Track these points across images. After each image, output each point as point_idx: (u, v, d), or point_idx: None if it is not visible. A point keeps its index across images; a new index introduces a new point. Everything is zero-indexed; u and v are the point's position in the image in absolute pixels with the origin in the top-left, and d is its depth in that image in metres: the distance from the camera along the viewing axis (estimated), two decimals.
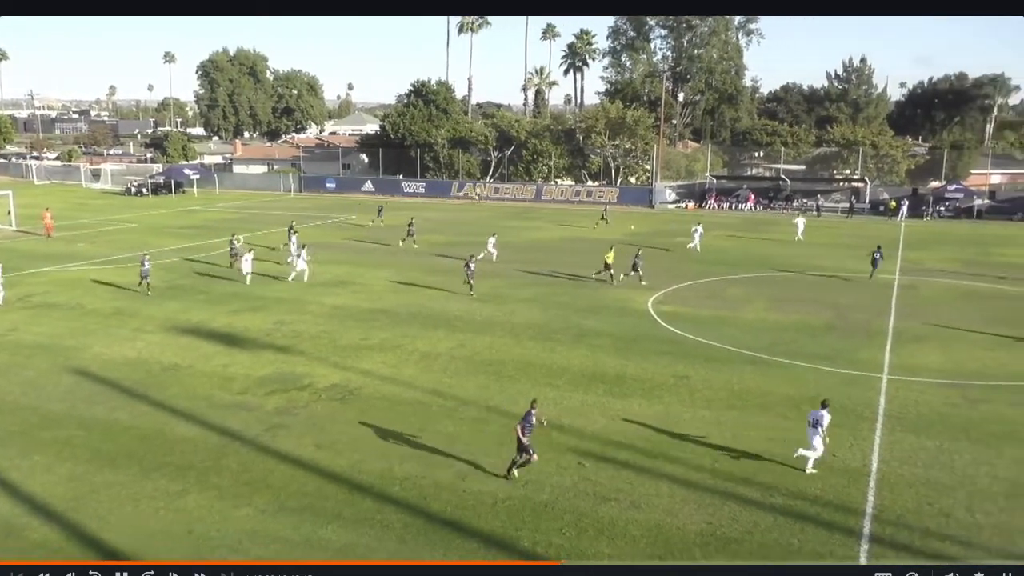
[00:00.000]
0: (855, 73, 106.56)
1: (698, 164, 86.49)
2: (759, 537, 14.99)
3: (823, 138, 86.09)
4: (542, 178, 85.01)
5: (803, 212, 66.00)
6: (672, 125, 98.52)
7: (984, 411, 21.47)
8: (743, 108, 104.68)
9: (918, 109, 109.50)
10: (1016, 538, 15.01)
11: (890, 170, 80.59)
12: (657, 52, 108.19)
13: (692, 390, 23.07)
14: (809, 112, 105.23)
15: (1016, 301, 35.18)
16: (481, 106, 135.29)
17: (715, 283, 38.68)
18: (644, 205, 75.11)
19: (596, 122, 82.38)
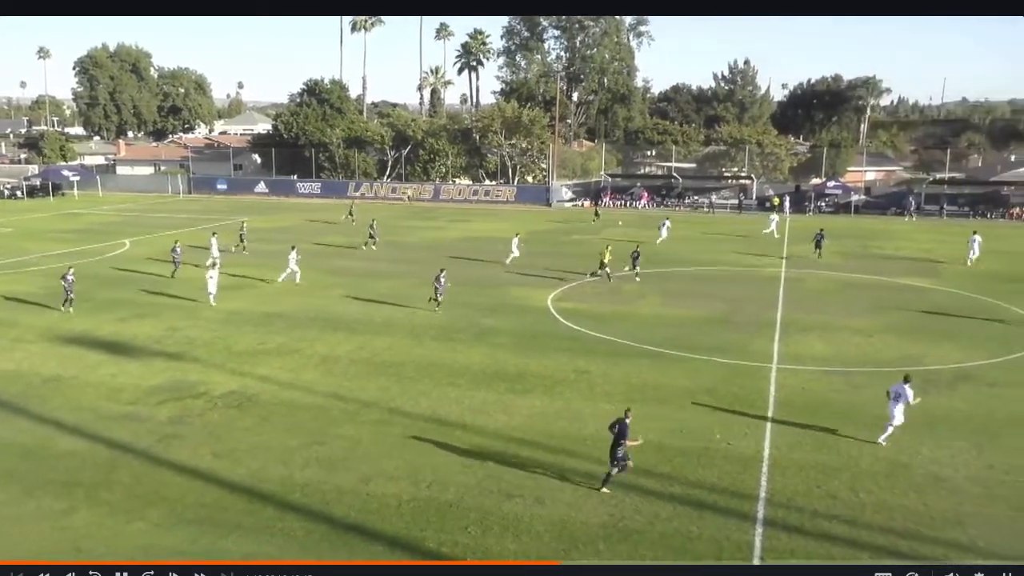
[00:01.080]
0: (740, 74, 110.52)
1: (593, 163, 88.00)
2: (660, 527, 15.40)
3: (712, 137, 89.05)
4: (440, 177, 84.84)
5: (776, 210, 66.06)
6: (567, 124, 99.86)
7: (866, 396, 22.63)
8: (635, 108, 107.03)
9: (799, 109, 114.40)
10: (895, 514, 15.89)
11: (774, 168, 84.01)
12: (551, 52, 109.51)
13: (592, 385, 23.47)
14: (698, 112, 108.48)
15: (892, 291, 37.20)
16: (376, 105, 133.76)
17: (613, 279, 39.41)
18: (542, 204, 75.92)
19: (492, 122, 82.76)
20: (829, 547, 14.72)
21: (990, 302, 34.64)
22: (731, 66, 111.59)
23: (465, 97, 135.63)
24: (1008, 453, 18.74)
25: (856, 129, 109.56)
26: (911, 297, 35.84)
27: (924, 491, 16.86)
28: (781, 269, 42.54)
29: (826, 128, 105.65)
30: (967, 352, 26.83)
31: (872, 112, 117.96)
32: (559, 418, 20.86)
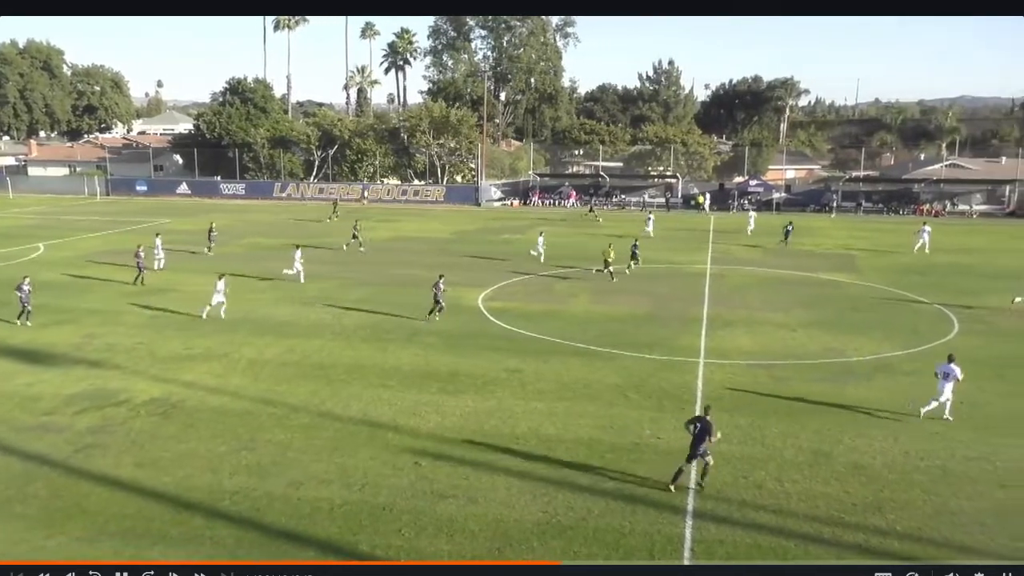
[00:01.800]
0: (664, 75, 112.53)
1: (521, 162, 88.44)
2: (593, 523, 15.55)
3: (638, 136, 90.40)
4: (368, 178, 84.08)
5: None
6: (495, 124, 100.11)
7: (789, 388, 23.27)
8: (562, 108, 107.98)
9: (721, 109, 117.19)
10: (818, 501, 16.38)
11: (699, 166, 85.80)
12: (478, 52, 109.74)
13: (524, 383, 23.58)
14: (624, 111, 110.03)
15: (813, 286, 38.34)
16: (302, 105, 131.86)
17: (542, 279, 39.67)
18: (471, 203, 75.93)
19: (420, 121, 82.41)
20: (756, 536, 15.09)
21: (904, 295, 36.01)
22: (655, 67, 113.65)
23: (392, 97, 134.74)
24: (923, 439, 19.50)
25: (776, 128, 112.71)
26: (831, 291, 37.01)
27: (845, 479, 17.42)
28: (706, 266, 43.42)
29: (748, 127, 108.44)
30: (884, 343, 27.83)
31: (791, 112, 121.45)
32: (491, 417, 20.89)
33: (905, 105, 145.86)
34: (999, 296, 35.31)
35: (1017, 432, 20.03)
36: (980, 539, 14.98)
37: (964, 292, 36.44)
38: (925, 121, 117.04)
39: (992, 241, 53.09)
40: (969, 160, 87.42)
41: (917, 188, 74.12)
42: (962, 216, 67.69)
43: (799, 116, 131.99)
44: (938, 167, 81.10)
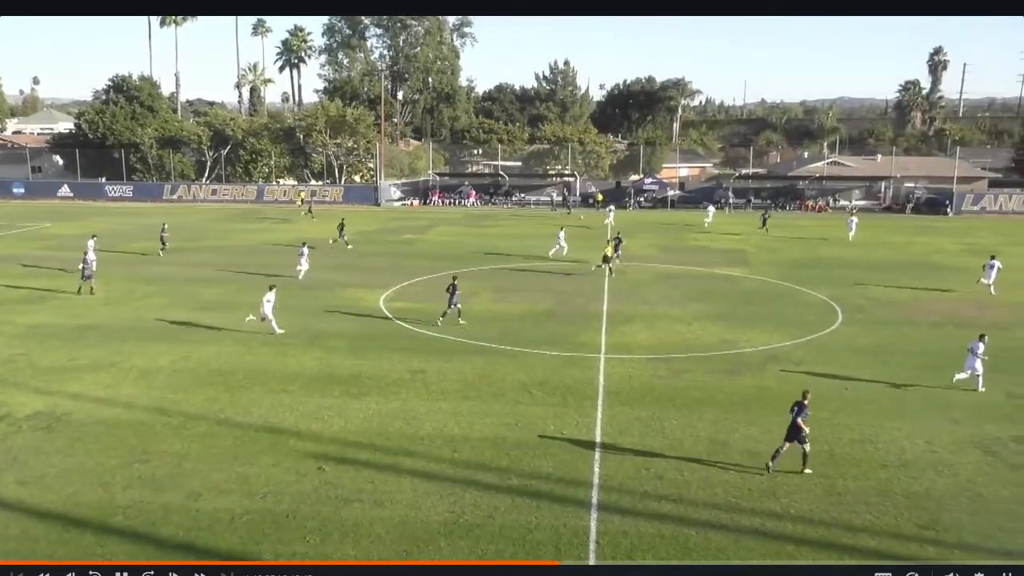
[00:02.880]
0: (561, 75, 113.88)
1: (420, 162, 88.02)
2: (499, 520, 15.63)
3: (536, 136, 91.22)
4: (263, 178, 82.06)
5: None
6: (393, 124, 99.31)
7: (686, 380, 23.96)
8: (461, 107, 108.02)
9: (616, 109, 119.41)
10: (717, 489, 16.92)
11: (596, 165, 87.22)
12: (374, 51, 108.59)
13: (428, 384, 23.48)
14: (522, 111, 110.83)
15: (708, 280, 39.53)
16: (192, 103, 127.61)
17: (445, 278, 39.48)
18: (370, 203, 75.05)
19: (316, 121, 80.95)
20: (659, 526, 15.46)
21: (792, 287, 37.55)
22: (552, 67, 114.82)
23: (287, 95, 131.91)
24: (813, 425, 20.13)
25: (670, 128, 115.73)
26: (724, 285, 38.26)
27: (742, 466, 18.04)
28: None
29: (642, 127, 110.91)
30: (774, 334, 28.95)
31: (683, 112, 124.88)
32: (396, 419, 20.73)
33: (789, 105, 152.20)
34: (880, 286, 37.30)
35: (896, 415, 21.18)
36: (866, 517, 15.76)
37: (847, 283, 38.22)
38: (808, 121, 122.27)
39: (871, 235, 55.89)
40: (849, 158, 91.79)
41: (802, 185, 77.34)
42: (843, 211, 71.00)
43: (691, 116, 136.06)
44: (820, 165, 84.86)
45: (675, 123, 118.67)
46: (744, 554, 14.40)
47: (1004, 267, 36.85)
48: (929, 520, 15.66)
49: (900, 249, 50.16)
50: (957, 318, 31.69)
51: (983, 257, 46.26)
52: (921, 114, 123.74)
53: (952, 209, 69.80)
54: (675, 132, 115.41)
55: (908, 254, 48.12)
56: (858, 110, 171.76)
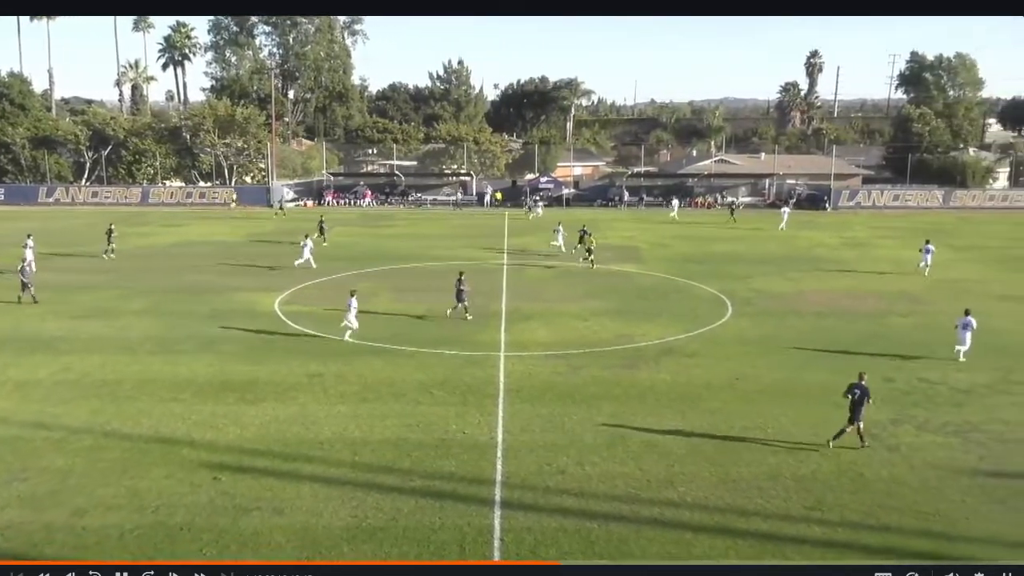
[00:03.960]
0: (455, 74, 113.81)
1: (314, 162, 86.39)
2: (403, 522, 15.52)
3: (431, 135, 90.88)
4: (148, 180, 78.90)
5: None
6: (285, 123, 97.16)
7: (585, 376, 24.35)
8: (354, 106, 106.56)
9: (511, 108, 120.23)
10: (617, 481, 17.27)
11: (492, 164, 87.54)
12: (263, 48, 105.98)
13: (326, 387, 23.10)
14: (417, 110, 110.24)
15: (604, 277, 40.27)
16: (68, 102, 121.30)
17: (341, 279, 38.99)
18: (263, 205, 73.09)
19: (204, 120, 78.40)
20: (562, 520, 15.67)
21: (684, 282, 38.68)
22: (446, 66, 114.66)
23: (172, 94, 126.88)
24: (706, 415, 21.07)
25: (563, 127, 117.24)
26: (620, 281, 39.06)
27: (640, 457, 18.47)
28: (503, 261, 44.47)
29: (536, 126, 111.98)
30: (668, 328, 29.75)
31: (576, 111, 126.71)
32: (294, 424, 20.31)
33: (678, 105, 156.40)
34: (766, 279, 38.86)
35: (784, 403, 22.11)
36: (758, 502, 16.40)
37: (737, 277, 39.63)
38: (696, 120, 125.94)
39: (756, 230, 58.10)
40: (735, 156, 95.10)
41: (692, 182, 79.70)
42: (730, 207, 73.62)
43: (584, 115, 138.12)
44: (708, 163, 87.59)
45: (568, 122, 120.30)
46: (644, 544, 14.75)
47: (877, 258, 38.99)
48: (815, 501, 16.41)
49: (784, 243, 52.31)
50: (838, 308, 33.30)
51: (861, 250, 48.78)
52: (800, 114, 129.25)
53: (830, 205, 73.27)
54: (568, 131, 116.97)
55: (792, 248, 50.23)
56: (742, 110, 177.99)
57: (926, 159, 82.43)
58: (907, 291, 36.79)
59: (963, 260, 45.49)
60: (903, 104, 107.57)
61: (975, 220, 66.03)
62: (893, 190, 77.04)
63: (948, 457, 18.62)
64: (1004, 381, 23.99)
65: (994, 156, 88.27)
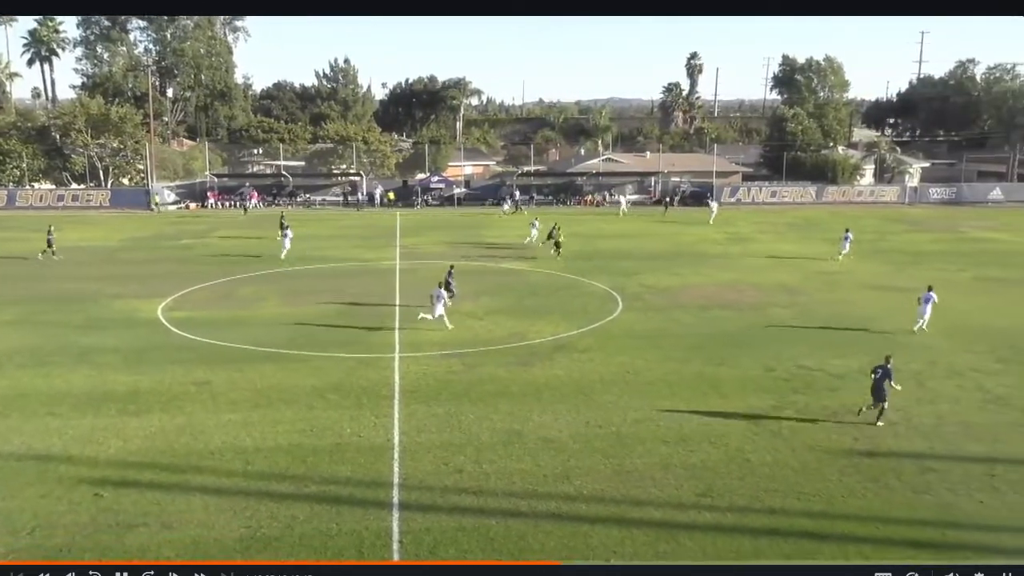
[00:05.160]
0: (341, 73, 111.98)
1: (196, 163, 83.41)
2: (299, 529, 15.21)
3: (319, 135, 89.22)
4: (14, 182, 74.40)
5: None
6: (164, 122, 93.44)
7: (480, 374, 24.44)
8: (237, 105, 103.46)
9: (400, 108, 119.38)
10: (515, 478, 17.42)
11: (382, 164, 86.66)
12: (138, 44, 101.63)
13: (215, 395, 22.38)
14: (303, 109, 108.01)
15: (497, 275, 40.51)
16: None
17: (227, 283, 37.87)
18: (142, 207, 70.05)
19: (75, 119, 74.50)
20: (460, 519, 15.69)
21: (575, 279, 39.31)
22: (332, 64, 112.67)
23: (38, 91, 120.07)
24: (600, 409, 21.50)
25: (453, 126, 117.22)
26: (512, 279, 39.36)
27: (536, 453, 18.69)
28: (395, 261, 44.13)
29: (426, 125, 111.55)
30: (561, 325, 30.18)
31: (465, 111, 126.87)
32: (182, 435, 19.59)
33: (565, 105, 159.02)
34: (654, 275, 39.93)
35: (673, 394, 22.79)
36: (651, 491, 16.85)
37: (626, 273, 40.54)
38: (583, 120, 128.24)
39: (644, 227, 59.64)
40: (621, 155, 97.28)
41: (580, 181, 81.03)
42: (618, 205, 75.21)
43: (473, 115, 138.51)
44: (596, 161, 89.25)
45: (458, 122, 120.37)
46: (543, 538, 14.93)
47: (757, 252, 40.68)
48: (705, 488, 17.00)
49: (670, 239, 53.83)
50: (721, 301, 34.54)
51: (744, 245, 50.72)
52: (683, 114, 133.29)
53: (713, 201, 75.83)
54: (458, 131, 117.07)
55: (677, 244, 51.76)
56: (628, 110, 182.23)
57: (800, 157, 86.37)
58: (785, 283, 38.51)
59: (836, 252, 47.90)
60: (778, 105, 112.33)
61: (845, 215, 69.59)
62: (771, 187, 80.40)
63: (826, 439, 19.61)
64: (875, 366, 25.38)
65: (860, 154, 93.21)
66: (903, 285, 38.30)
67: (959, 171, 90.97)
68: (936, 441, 19.56)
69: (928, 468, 18.02)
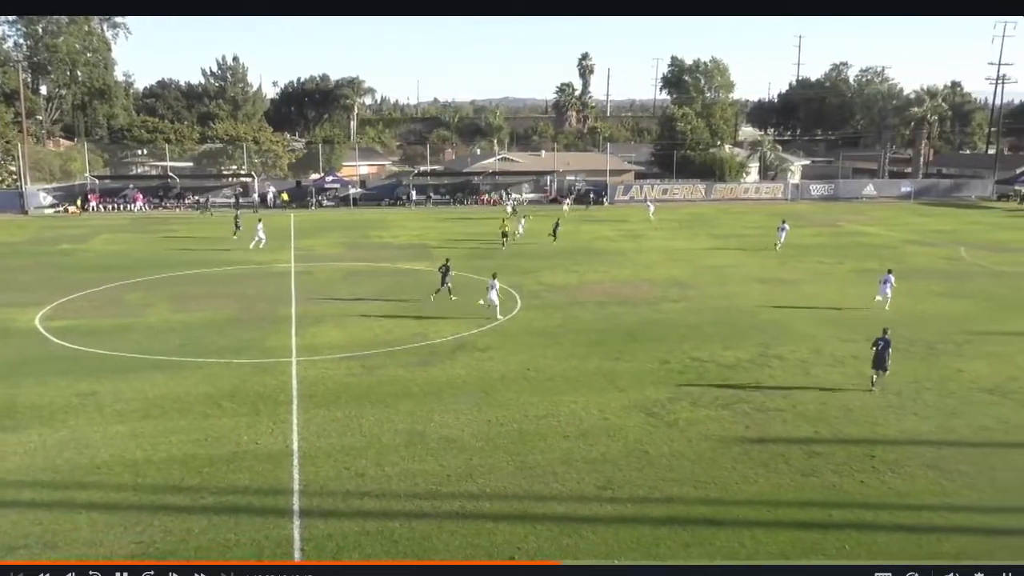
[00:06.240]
0: (230, 71, 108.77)
1: (75, 164, 79.38)
2: (195, 542, 14.72)
3: (207, 135, 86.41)
4: None
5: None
6: (38, 121, 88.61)
7: (380, 375, 24.20)
8: (118, 104, 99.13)
9: (292, 107, 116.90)
10: (418, 479, 17.34)
11: (274, 164, 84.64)
12: (7, 39, 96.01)
13: (101, 407, 21.40)
14: (190, 109, 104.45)
15: (394, 276, 40.18)
16: None
17: (112, 290, 36.27)
18: (16, 211, 66.25)
19: None
20: (363, 523, 15.52)
21: (474, 278, 39.33)
22: (219, 62, 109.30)
23: None
24: (501, 407, 21.62)
25: (347, 126, 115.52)
26: (411, 280, 39.10)
27: (439, 454, 18.64)
28: (290, 264, 43.21)
29: (319, 125, 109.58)
30: (460, 324, 30.17)
31: (359, 110, 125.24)
32: (65, 449, 18.65)
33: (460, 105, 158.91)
34: (552, 273, 40.42)
35: (572, 389, 23.13)
36: (553, 487, 17.06)
37: (524, 272, 40.87)
38: (478, 119, 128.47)
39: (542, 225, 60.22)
40: (517, 154, 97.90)
41: (477, 180, 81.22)
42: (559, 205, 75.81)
43: (367, 114, 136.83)
44: (492, 161, 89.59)
45: (352, 121, 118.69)
46: (447, 538, 14.92)
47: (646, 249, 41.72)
48: (606, 481, 17.33)
49: (567, 237, 54.46)
50: (617, 297, 35.25)
51: (638, 242, 51.91)
52: (576, 113, 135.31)
53: (607, 199, 77.36)
54: (352, 130, 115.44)
55: (574, 241, 52.46)
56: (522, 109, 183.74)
57: (689, 155, 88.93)
58: (677, 278, 39.62)
59: (723, 248, 49.63)
60: (667, 105, 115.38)
61: (733, 211, 72.22)
62: (662, 184, 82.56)
63: (719, 428, 20.30)
64: (763, 356, 26.45)
65: (746, 152, 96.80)
66: (788, 277, 40.06)
67: (836, 168, 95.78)
68: (821, 426, 20.52)
69: (814, 452, 18.89)
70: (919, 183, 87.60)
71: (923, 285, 36.56)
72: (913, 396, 22.68)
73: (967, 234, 57.14)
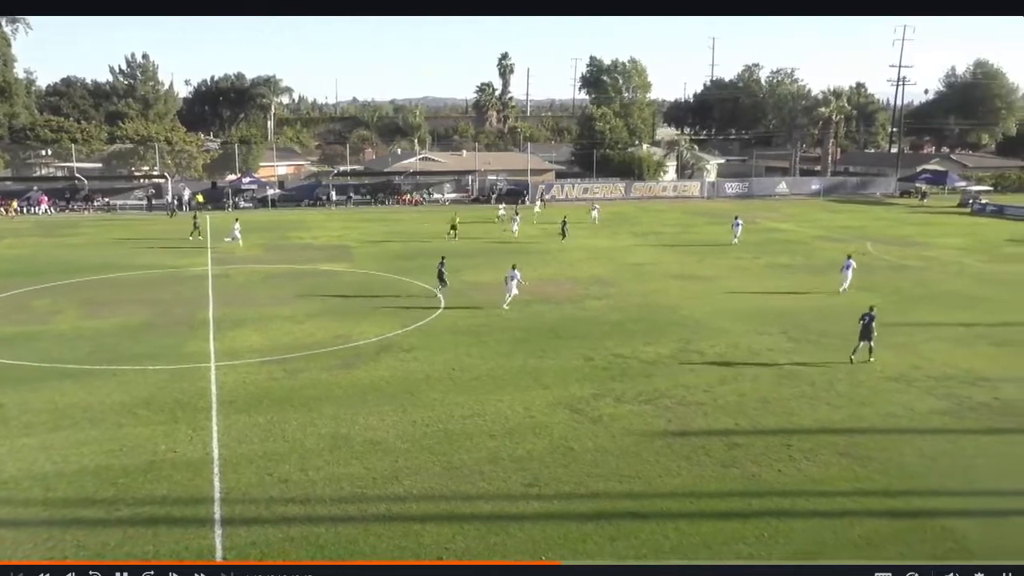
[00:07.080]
0: (140, 69, 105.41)
1: None
2: (111, 555, 14.20)
3: (116, 135, 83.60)
4: None
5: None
6: None
7: (303, 379, 23.81)
8: (19, 102, 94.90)
9: (206, 106, 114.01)
10: (343, 483, 17.12)
11: (188, 165, 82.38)
12: None
13: (6, 419, 20.48)
14: (97, 108, 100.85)
15: (315, 277, 39.54)
16: None
17: (16, 296, 34.74)
18: None
19: None
20: (287, 530, 15.25)
21: (396, 278, 39.14)
22: (129, 60, 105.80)
23: None
24: (427, 407, 21.53)
25: (264, 126, 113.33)
26: (332, 281, 38.60)
27: (364, 456, 18.46)
28: (207, 267, 42.13)
29: (235, 125, 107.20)
30: (384, 325, 29.93)
31: (277, 110, 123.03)
32: None
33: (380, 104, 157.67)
34: (475, 272, 40.44)
35: (498, 388, 23.21)
36: (480, 486, 17.08)
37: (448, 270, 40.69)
38: (398, 119, 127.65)
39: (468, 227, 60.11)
40: (438, 154, 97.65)
41: (398, 180, 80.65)
42: (437, 203, 75.83)
43: (285, 114, 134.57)
44: (413, 160, 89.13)
45: (269, 121, 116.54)
46: (374, 541, 14.79)
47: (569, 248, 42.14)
48: (532, 479, 17.43)
49: (491, 237, 54.63)
50: (541, 295, 35.45)
51: (559, 240, 52.31)
52: (496, 113, 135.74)
53: (528, 198, 77.78)
54: (270, 130, 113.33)
55: (498, 240, 52.60)
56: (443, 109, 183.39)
57: (608, 154, 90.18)
58: (599, 276, 40.14)
59: (643, 245, 50.54)
60: (586, 104, 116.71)
61: (652, 209, 73.53)
62: (583, 183, 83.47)
63: (642, 423, 20.65)
64: (683, 351, 27.02)
65: (663, 151, 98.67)
66: (706, 274, 41.02)
67: (750, 167, 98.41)
68: (740, 417, 21.08)
69: (734, 443, 19.39)
70: (828, 181, 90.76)
71: (834, 279, 37.86)
72: (826, 387, 23.51)
73: (873, 230, 59.53)
